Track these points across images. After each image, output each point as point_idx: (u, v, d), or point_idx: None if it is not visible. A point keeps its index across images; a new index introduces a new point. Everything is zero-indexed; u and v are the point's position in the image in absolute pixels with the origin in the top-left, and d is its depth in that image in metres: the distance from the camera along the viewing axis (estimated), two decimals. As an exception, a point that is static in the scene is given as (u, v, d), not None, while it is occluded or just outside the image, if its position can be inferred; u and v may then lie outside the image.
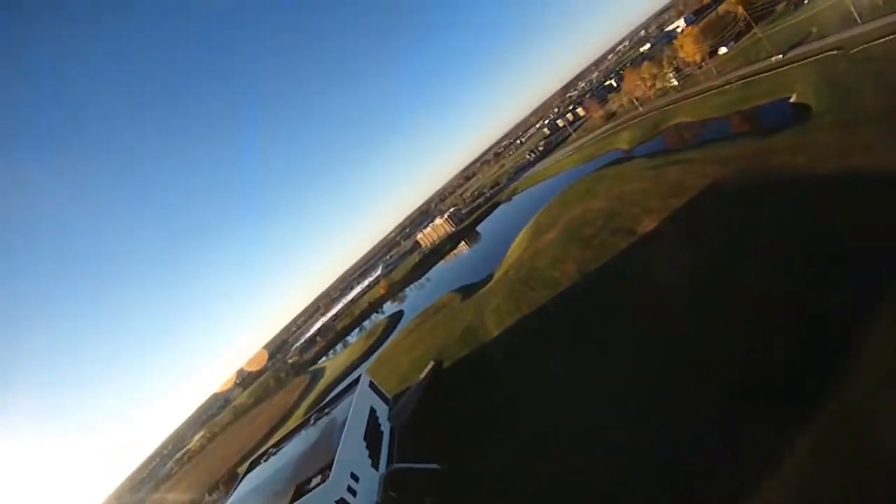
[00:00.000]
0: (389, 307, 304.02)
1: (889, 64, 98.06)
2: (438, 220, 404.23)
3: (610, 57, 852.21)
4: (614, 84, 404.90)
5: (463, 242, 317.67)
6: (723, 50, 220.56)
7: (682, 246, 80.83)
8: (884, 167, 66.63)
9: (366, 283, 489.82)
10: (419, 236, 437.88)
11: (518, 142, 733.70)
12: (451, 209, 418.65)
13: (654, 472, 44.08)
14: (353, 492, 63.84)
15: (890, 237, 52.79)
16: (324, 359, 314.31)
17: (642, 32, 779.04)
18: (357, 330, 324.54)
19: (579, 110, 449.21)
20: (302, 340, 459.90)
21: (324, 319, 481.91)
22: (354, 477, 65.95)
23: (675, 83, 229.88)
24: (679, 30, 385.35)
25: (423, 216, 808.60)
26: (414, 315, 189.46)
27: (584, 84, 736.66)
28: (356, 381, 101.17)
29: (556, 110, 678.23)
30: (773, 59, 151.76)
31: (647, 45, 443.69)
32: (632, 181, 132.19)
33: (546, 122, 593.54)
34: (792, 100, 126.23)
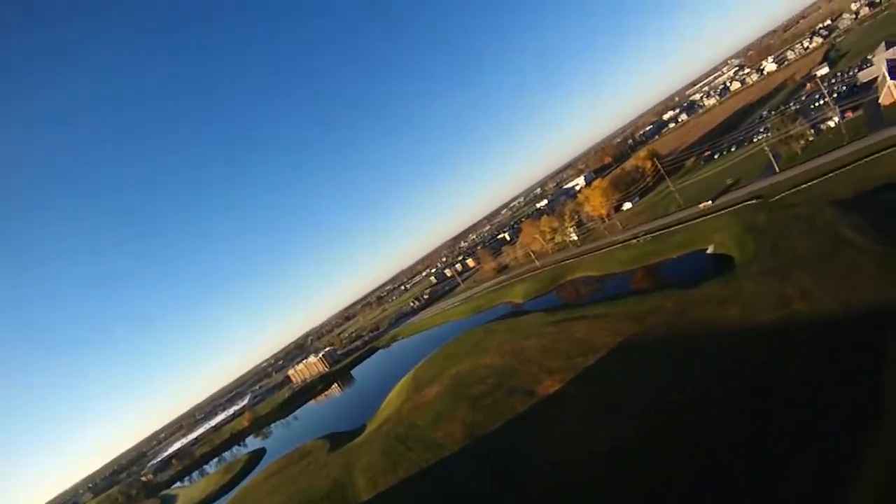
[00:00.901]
0: (252, 442, 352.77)
1: (811, 209, 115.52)
2: (312, 358, 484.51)
3: (504, 212, 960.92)
4: (507, 238, 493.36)
5: (336, 384, 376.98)
6: (627, 205, 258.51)
7: (591, 413, 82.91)
8: (828, 312, 71.84)
9: (231, 410, 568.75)
10: (291, 371, 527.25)
11: (403, 288, 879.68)
12: (327, 348, 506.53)
13: None
14: None
15: (843, 393, 55.34)
16: (178, 484, 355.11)
17: (538, 190, 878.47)
18: (216, 460, 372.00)
19: (469, 261, 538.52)
20: (159, 459, 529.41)
21: (184, 441, 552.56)
22: None
23: (575, 237, 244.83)
24: (578, 187, 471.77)
25: (298, 350, 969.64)
26: (277, 456, 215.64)
27: (475, 236, 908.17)
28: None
29: (444, 259, 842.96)
30: (702, 205, 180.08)
31: (545, 202, 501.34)
32: (529, 337, 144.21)
33: (433, 270, 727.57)
34: (709, 251, 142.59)
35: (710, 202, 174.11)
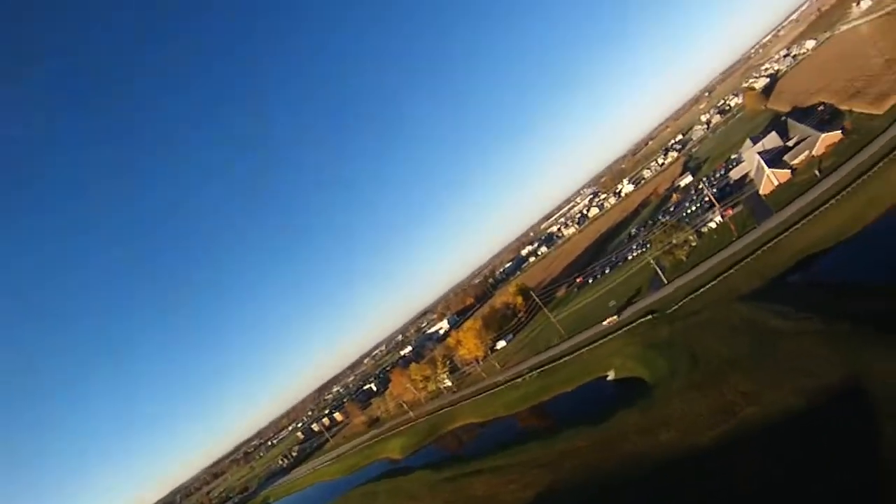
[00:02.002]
0: None
1: (721, 310, 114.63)
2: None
3: (366, 361, 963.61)
4: (374, 388, 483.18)
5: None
6: (502, 344, 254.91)
7: None
8: (786, 409, 67.59)
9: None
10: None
11: (269, 443, 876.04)
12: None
13: None
14: None
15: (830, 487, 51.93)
16: None
17: (399, 337, 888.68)
18: None
19: (337, 415, 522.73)
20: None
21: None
22: None
23: (450, 383, 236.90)
24: (442, 331, 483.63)
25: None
26: None
27: (339, 388, 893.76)
28: None
29: (310, 413, 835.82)
30: (607, 321, 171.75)
31: (409, 349, 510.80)
32: (418, 499, 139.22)
33: (300, 424, 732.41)
34: (610, 378, 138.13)
35: (615, 316, 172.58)
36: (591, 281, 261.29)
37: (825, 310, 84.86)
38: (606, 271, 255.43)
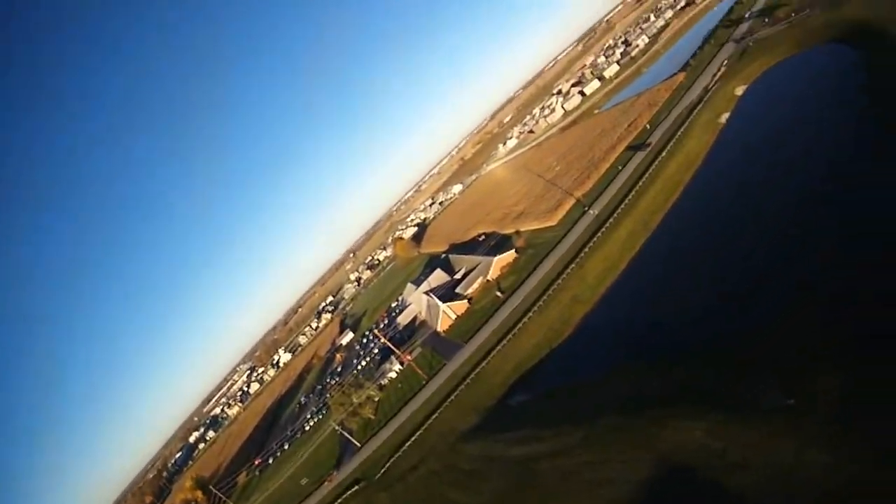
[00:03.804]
0: None
1: (439, 461, 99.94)
2: None
3: None
4: None
5: None
6: None
7: None
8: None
9: None
10: None
11: None
12: None
13: None
14: None
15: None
16: None
17: None
18: None
19: None
20: None
21: None
22: None
23: None
24: None
25: None
26: None
27: None
28: None
29: None
30: (327, 482, 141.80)
31: None
32: None
33: None
34: None
35: (334, 471, 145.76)
36: (271, 461, 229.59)
37: (575, 416, 76.05)
38: (286, 447, 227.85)
